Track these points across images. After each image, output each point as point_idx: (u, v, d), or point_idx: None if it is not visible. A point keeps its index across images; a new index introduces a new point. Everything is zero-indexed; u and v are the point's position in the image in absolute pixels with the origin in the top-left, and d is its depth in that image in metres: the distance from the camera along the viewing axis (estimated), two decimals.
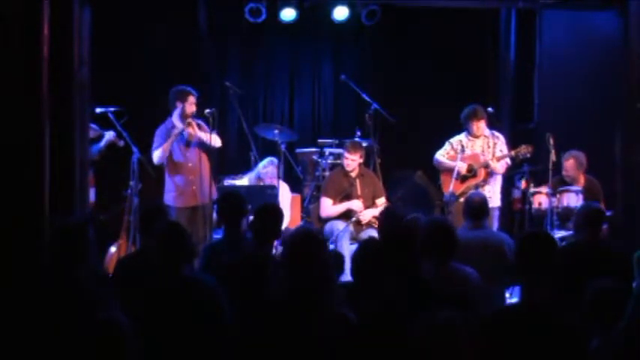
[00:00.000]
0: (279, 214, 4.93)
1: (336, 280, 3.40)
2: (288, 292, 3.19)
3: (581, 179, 7.34)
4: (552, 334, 3.10)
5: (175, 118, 6.76)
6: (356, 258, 3.79)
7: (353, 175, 7.22)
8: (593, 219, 5.08)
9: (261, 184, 7.40)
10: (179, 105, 6.76)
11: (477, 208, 5.40)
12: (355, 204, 7.11)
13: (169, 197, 6.83)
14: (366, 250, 3.86)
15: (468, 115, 7.19)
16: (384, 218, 5.25)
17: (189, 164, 6.83)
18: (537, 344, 3.09)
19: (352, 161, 7.17)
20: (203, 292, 3.59)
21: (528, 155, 7.15)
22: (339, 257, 5.78)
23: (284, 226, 7.26)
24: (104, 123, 7.06)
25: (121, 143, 7.15)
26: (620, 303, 3.49)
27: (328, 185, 7.35)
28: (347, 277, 5.12)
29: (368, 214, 7.10)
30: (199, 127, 6.82)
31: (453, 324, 2.62)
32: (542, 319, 3.13)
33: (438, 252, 4.11)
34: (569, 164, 7.30)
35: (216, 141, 6.81)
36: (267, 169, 7.43)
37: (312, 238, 3.31)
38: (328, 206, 7.19)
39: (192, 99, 6.81)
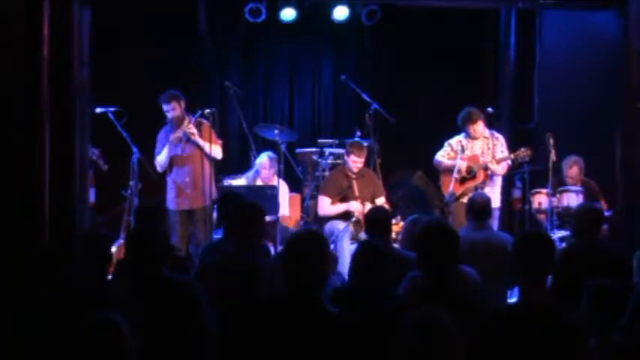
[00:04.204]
0: (259, 213, 4.75)
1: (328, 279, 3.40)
2: (286, 291, 3.20)
3: (579, 183, 7.38)
4: (551, 333, 3.10)
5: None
6: (355, 258, 3.79)
7: (353, 175, 7.22)
8: (591, 221, 5.06)
9: (260, 182, 7.41)
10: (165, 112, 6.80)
11: (481, 209, 5.40)
12: (354, 205, 7.10)
13: (168, 199, 6.87)
14: (365, 250, 3.86)
15: (464, 120, 7.17)
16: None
17: (186, 167, 6.83)
18: (535, 344, 3.09)
19: (360, 163, 7.18)
20: (179, 291, 3.61)
21: (527, 159, 7.12)
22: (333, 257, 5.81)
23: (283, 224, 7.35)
24: (104, 123, 7.06)
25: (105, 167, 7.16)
26: (618, 302, 3.49)
27: (327, 184, 7.35)
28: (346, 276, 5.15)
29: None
30: (201, 129, 6.80)
31: (441, 321, 2.61)
32: (540, 319, 3.13)
33: (441, 257, 4.03)
34: (574, 172, 7.34)
35: (216, 152, 6.79)
36: (261, 159, 7.43)
37: (314, 236, 3.31)
38: (326, 205, 7.19)
39: (174, 104, 6.78)
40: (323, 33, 9.32)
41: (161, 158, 6.82)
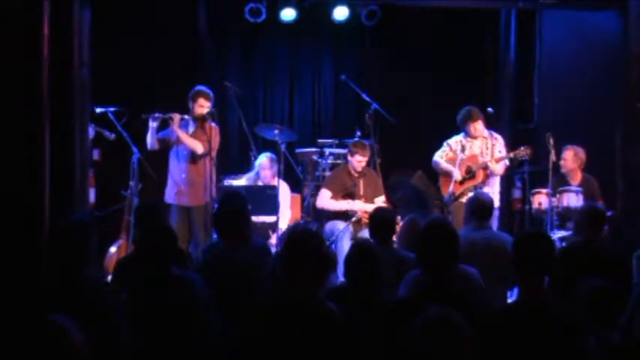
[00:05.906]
0: (246, 212, 4.74)
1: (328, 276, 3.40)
2: (286, 290, 3.20)
3: (578, 176, 7.32)
4: (550, 333, 3.11)
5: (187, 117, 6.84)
6: (348, 259, 3.79)
7: (356, 174, 7.23)
8: (596, 220, 5.08)
9: (261, 183, 7.41)
10: (190, 105, 6.82)
11: (482, 209, 5.38)
12: (358, 204, 7.10)
13: (166, 194, 6.93)
14: (358, 251, 3.85)
15: (464, 118, 7.17)
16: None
17: (180, 164, 6.84)
18: (534, 343, 3.10)
19: (364, 162, 7.19)
20: (186, 290, 3.60)
21: (527, 157, 7.12)
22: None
23: (284, 225, 7.34)
24: (104, 123, 7.07)
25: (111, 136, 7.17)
26: (615, 302, 3.50)
27: (331, 179, 7.36)
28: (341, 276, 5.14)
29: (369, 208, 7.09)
30: (203, 129, 6.80)
31: (450, 320, 2.62)
32: (539, 319, 3.14)
33: (441, 257, 3.99)
34: (568, 154, 7.28)
35: (196, 147, 6.76)
36: (261, 160, 7.44)
37: (308, 233, 3.32)
38: (326, 198, 7.18)
39: (201, 101, 6.81)
40: (323, 33, 9.31)
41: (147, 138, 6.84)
